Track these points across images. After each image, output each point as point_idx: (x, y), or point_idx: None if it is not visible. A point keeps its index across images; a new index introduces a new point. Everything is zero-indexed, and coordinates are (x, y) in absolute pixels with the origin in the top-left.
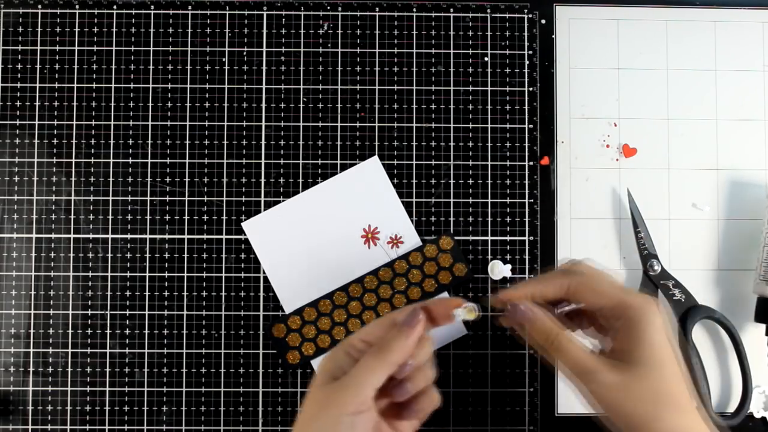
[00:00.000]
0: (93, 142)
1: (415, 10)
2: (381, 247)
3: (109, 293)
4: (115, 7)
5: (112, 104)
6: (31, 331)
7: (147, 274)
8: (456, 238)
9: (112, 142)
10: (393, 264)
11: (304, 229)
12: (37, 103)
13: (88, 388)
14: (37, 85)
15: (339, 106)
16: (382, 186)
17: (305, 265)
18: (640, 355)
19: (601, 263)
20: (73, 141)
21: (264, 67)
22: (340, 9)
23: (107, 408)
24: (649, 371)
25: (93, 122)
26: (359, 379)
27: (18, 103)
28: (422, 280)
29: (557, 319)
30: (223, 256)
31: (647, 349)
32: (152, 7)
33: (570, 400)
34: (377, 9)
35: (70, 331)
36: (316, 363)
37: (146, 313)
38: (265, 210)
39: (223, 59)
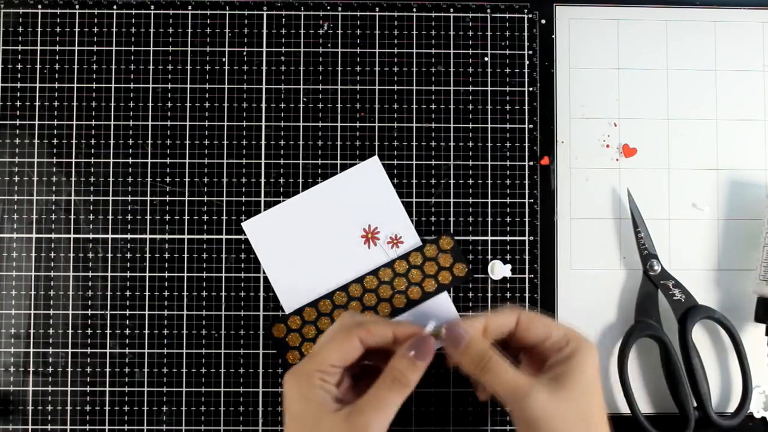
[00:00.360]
0: (93, 142)
1: (415, 10)
2: (381, 247)
3: (109, 293)
4: (115, 7)
5: (112, 104)
6: (31, 331)
7: (147, 274)
8: (456, 238)
9: (112, 142)
10: (393, 264)
11: (304, 229)
12: (37, 103)
13: (88, 388)
14: (37, 85)
15: (339, 106)
16: (382, 186)
17: (305, 265)
18: (577, 380)
19: (601, 263)
20: (73, 141)
21: (264, 67)
22: (340, 9)
23: (107, 408)
24: (582, 395)
25: (93, 122)
26: (381, 414)
27: (18, 103)
28: (422, 280)
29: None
30: (223, 256)
31: (583, 376)
32: (152, 7)
33: None
34: (377, 9)
35: (70, 331)
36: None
37: (146, 313)
38: (265, 210)
39: (223, 59)
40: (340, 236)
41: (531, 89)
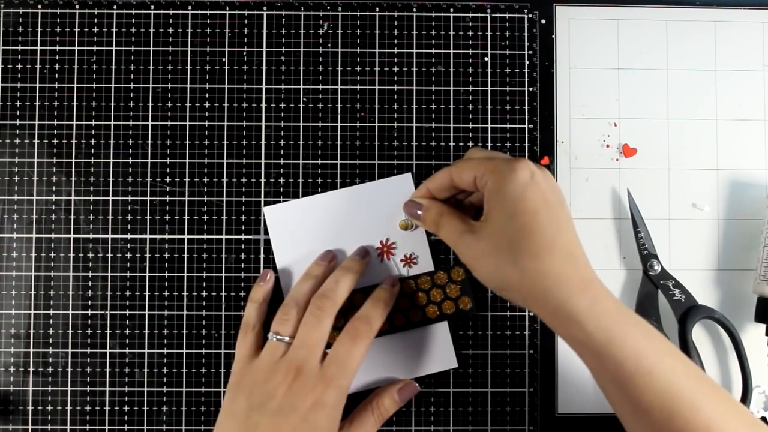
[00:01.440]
0: (93, 142)
1: (415, 10)
2: (394, 263)
3: (109, 293)
4: (115, 7)
5: (112, 104)
6: (31, 331)
7: (147, 274)
8: None
9: (112, 142)
10: (402, 283)
11: (323, 228)
12: (37, 103)
13: (88, 388)
14: (37, 85)
15: (339, 106)
16: None
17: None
18: (489, 211)
19: (601, 263)
20: (73, 141)
21: (264, 67)
22: (340, 9)
23: (107, 408)
24: (496, 224)
25: (93, 122)
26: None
27: (18, 103)
28: (426, 304)
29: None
30: (223, 256)
31: (497, 204)
32: (152, 7)
33: (570, 400)
34: (377, 9)
35: (70, 331)
36: None
37: (146, 313)
38: (264, 207)
39: (223, 59)
40: (356, 243)
41: (531, 89)
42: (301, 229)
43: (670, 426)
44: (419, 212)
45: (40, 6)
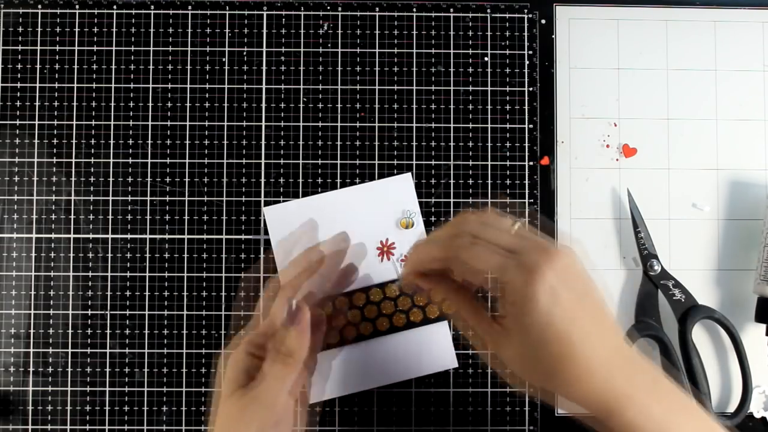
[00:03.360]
0: (93, 142)
1: (415, 10)
2: (393, 264)
3: (109, 293)
4: (115, 7)
5: (112, 104)
6: (31, 331)
7: (147, 274)
8: None
9: (112, 142)
10: (401, 282)
11: (324, 228)
12: (37, 103)
13: (88, 388)
14: (37, 85)
15: (339, 106)
16: (410, 204)
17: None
18: (511, 327)
19: (601, 263)
20: (73, 141)
21: (264, 67)
22: (340, 9)
23: (107, 408)
24: (525, 345)
25: (93, 122)
26: (272, 391)
27: (18, 103)
28: (426, 305)
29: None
30: (223, 256)
31: (521, 327)
32: (152, 7)
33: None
34: (377, 9)
35: (70, 331)
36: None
37: (146, 313)
38: (265, 207)
39: (223, 59)
40: (356, 243)
41: (531, 89)
42: (302, 229)
43: None
44: (421, 288)
45: (40, 6)
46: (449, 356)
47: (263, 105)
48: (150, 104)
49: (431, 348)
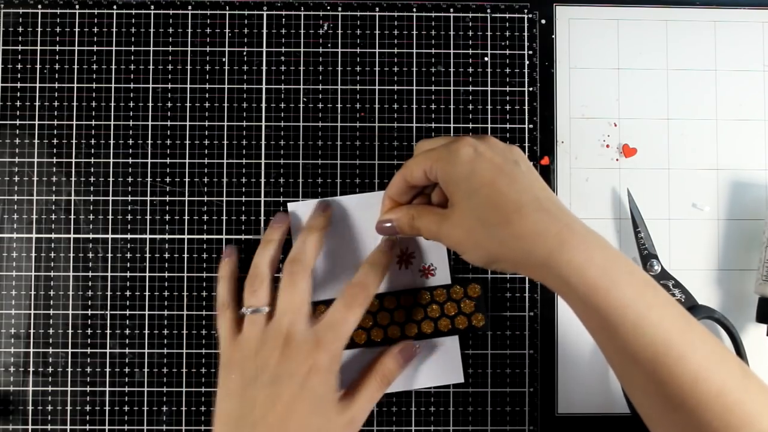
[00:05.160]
0: (93, 142)
1: (415, 10)
2: (411, 273)
3: (109, 293)
4: (115, 7)
5: (112, 104)
6: (31, 331)
7: (147, 274)
8: None
9: (112, 142)
10: (417, 293)
11: (346, 229)
12: (37, 103)
13: (88, 388)
14: (37, 85)
15: (339, 106)
16: None
17: (333, 262)
18: (451, 196)
19: None
20: (73, 141)
21: (264, 67)
22: (340, 9)
23: (107, 408)
24: (461, 206)
25: (93, 122)
26: (370, 408)
27: (18, 103)
28: (439, 317)
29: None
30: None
31: (455, 188)
32: (152, 7)
33: (570, 400)
34: (377, 9)
35: (70, 331)
36: None
37: (146, 313)
38: (264, 209)
39: (223, 59)
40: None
41: (531, 89)
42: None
43: (656, 377)
44: (389, 225)
45: (40, 6)
46: (456, 371)
47: (263, 105)
48: (150, 104)
49: (439, 361)
